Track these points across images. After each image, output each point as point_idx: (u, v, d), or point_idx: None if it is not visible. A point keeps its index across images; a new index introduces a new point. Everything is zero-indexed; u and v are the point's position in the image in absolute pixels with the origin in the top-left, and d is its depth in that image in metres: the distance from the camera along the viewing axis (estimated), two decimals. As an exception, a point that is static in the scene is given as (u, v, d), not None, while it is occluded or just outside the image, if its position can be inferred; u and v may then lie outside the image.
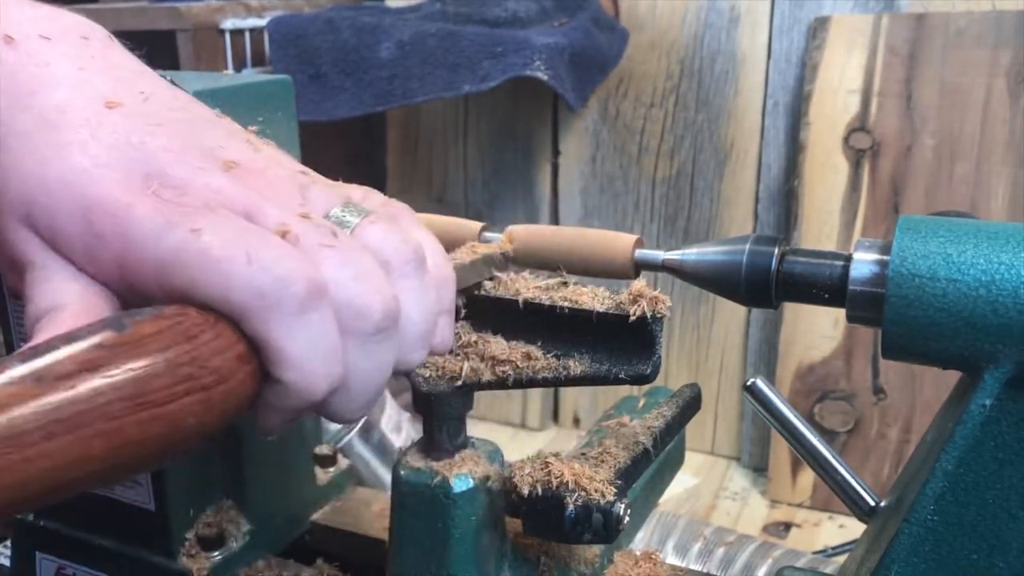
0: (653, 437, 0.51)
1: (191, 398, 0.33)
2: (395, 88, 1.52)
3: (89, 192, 0.36)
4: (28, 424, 0.28)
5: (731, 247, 0.48)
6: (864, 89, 1.51)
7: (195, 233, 0.35)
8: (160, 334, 0.33)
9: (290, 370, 0.36)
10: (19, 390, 0.29)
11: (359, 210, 0.42)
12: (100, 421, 0.30)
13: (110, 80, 0.40)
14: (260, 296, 0.35)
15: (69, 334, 0.32)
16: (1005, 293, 0.39)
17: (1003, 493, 0.42)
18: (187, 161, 0.38)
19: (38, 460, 0.29)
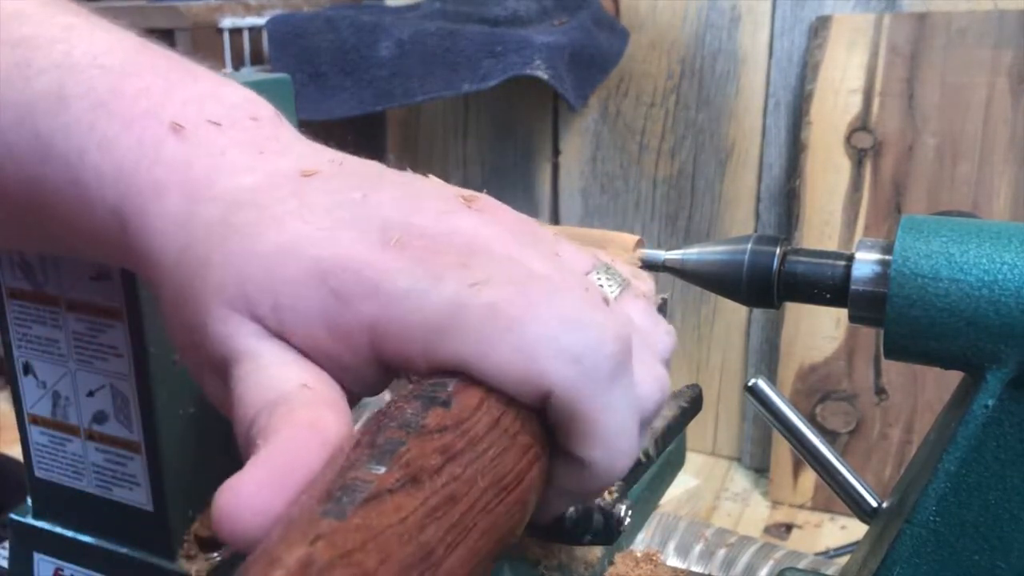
0: (654, 438, 0.51)
1: (533, 470, 0.28)
2: (395, 87, 1.52)
3: (322, 254, 0.30)
4: (434, 538, 0.23)
5: (732, 247, 0.48)
6: (866, 88, 1.51)
7: (474, 288, 0.29)
8: (484, 404, 0.28)
9: (598, 448, 0.30)
10: (406, 499, 0.24)
11: (619, 280, 0.36)
12: (482, 517, 0.25)
13: (293, 157, 0.35)
14: (574, 361, 0.28)
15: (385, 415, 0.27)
16: (1008, 293, 0.39)
17: (1006, 494, 0.42)
18: (423, 207, 0.32)
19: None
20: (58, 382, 0.54)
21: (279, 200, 0.32)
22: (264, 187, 0.33)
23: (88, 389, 0.53)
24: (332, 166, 0.35)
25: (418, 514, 0.24)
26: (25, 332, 0.53)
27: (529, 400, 0.29)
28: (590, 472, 0.31)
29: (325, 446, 0.27)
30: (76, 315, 0.51)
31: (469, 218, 0.33)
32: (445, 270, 0.30)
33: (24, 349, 0.54)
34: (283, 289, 0.30)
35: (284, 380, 0.30)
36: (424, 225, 0.32)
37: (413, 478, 0.24)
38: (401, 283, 0.29)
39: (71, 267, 0.50)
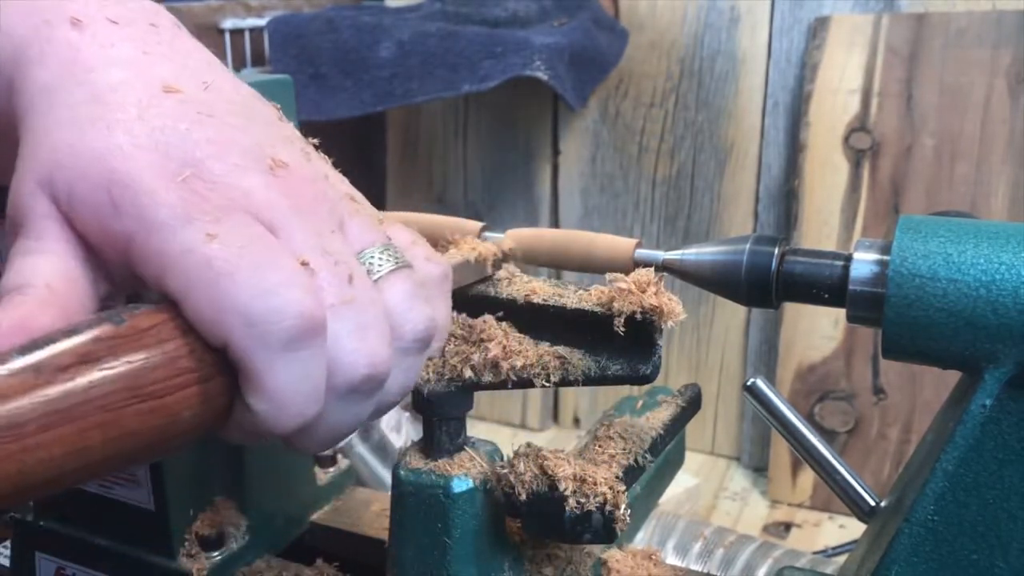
0: (653, 437, 0.51)
1: (188, 391, 0.33)
2: (395, 88, 1.52)
3: (118, 167, 0.35)
4: (27, 415, 0.29)
5: (731, 247, 0.48)
6: (864, 89, 1.51)
7: (208, 238, 0.34)
8: (157, 327, 0.33)
9: (262, 401, 0.35)
10: (18, 381, 0.29)
11: (396, 258, 0.40)
12: (98, 413, 0.30)
13: (174, 67, 0.39)
14: (248, 323, 0.34)
15: (69, 327, 0.32)
16: (1005, 293, 0.39)
17: (1003, 493, 0.42)
18: (227, 157, 0.37)
19: (36, 451, 0.29)
20: (60, 382, 0.54)
21: (124, 106, 0.36)
22: (124, 88, 0.37)
23: (90, 389, 0.53)
24: (196, 89, 0.39)
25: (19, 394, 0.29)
26: None
27: (213, 344, 0.34)
28: (257, 418, 0.36)
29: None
30: (78, 315, 0.51)
31: (257, 180, 0.37)
32: (199, 216, 0.35)
33: (26, 349, 0.54)
34: (80, 185, 0.35)
35: (37, 274, 0.35)
36: (215, 172, 0.36)
37: (36, 368, 0.30)
38: (161, 215, 0.34)
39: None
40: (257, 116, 0.40)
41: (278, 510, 0.61)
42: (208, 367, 0.34)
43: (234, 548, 0.57)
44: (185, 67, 0.39)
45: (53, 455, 0.29)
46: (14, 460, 0.28)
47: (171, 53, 0.39)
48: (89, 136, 0.36)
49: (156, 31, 0.40)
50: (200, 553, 0.55)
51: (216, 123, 0.38)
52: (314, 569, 0.58)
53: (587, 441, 0.51)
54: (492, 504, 0.47)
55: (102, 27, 0.38)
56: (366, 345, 0.37)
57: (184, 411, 0.33)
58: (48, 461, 0.29)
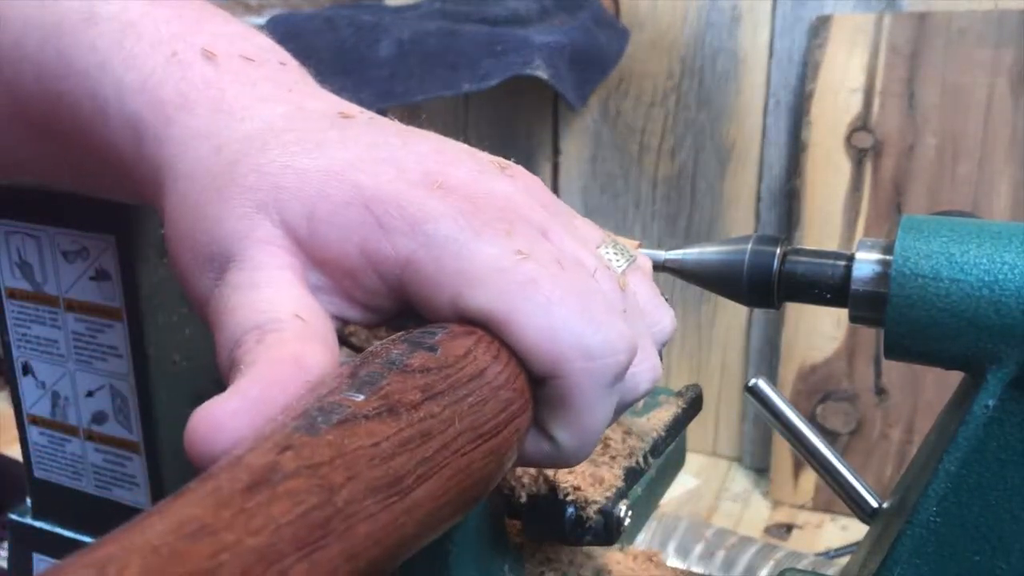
0: (654, 438, 0.50)
1: (511, 426, 0.29)
2: (395, 87, 1.52)
3: (366, 182, 0.31)
4: (404, 467, 0.24)
5: (733, 247, 0.48)
6: (866, 88, 1.51)
7: (520, 256, 0.30)
8: (471, 354, 0.29)
9: (572, 437, 0.32)
10: (380, 426, 0.24)
11: (627, 255, 0.38)
12: (456, 458, 0.26)
13: (324, 102, 0.35)
14: (587, 357, 0.30)
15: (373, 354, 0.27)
16: (1008, 293, 0.39)
17: (1006, 494, 0.42)
18: (460, 164, 0.33)
19: (416, 511, 0.24)
20: (57, 382, 0.54)
21: (319, 129, 0.32)
22: (299, 117, 0.33)
23: (87, 389, 0.53)
24: (365, 116, 0.35)
25: (391, 442, 0.24)
26: (24, 332, 0.53)
27: (533, 372, 0.31)
28: (556, 451, 0.33)
29: (307, 382, 0.27)
30: (75, 315, 0.51)
31: (504, 182, 0.33)
32: (485, 226, 0.31)
33: (23, 349, 0.54)
34: (322, 205, 0.30)
35: (278, 306, 0.30)
36: (464, 179, 0.32)
37: (390, 408, 0.24)
38: (444, 228, 0.30)
39: (71, 267, 0.50)
40: (429, 133, 0.37)
41: (277, 511, 0.61)
42: (521, 397, 0.30)
43: (233, 549, 0.57)
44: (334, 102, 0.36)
45: (426, 513, 0.24)
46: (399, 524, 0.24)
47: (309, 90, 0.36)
48: (303, 157, 0.31)
49: (287, 70, 0.37)
50: (198, 554, 0.55)
51: (420, 136, 0.34)
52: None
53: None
54: (492, 505, 0.47)
55: (238, 64, 0.35)
56: (650, 357, 0.35)
57: (508, 450, 0.29)
58: (421, 522, 0.24)
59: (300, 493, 0.21)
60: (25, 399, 0.55)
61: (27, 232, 0.51)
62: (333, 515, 0.22)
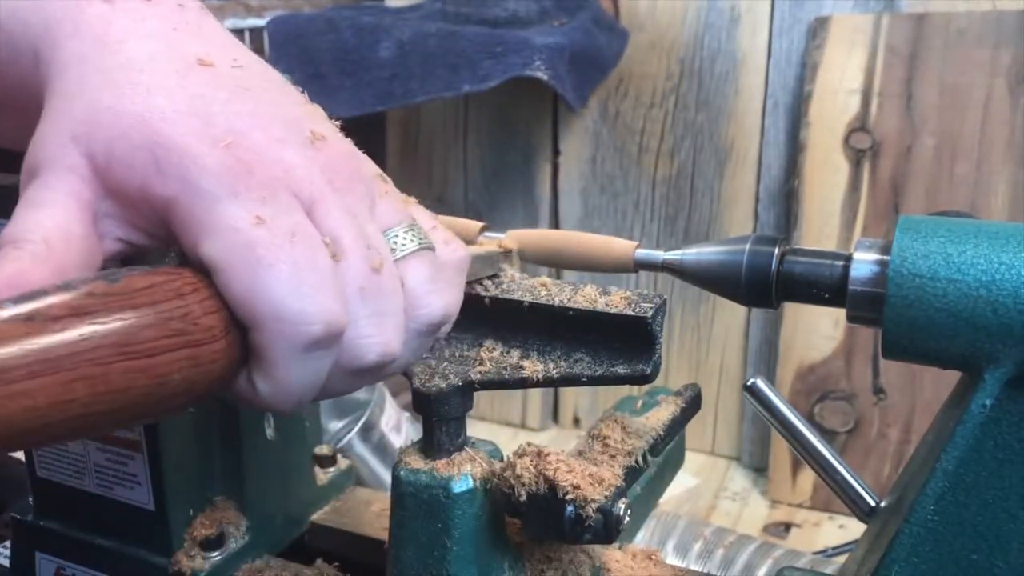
0: (653, 437, 0.51)
1: (178, 353, 0.33)
2: (395, 88, 1.52)
3: (163, 130, 0.35)
4: (13, 361, 0.29)
5: (731, 247, 0.48)
6: (864, 89, 1.51)
7: (256, 221, 0.35)
8: (152, 288, 0.33)
9: (268, 386, 0.36)
10: (8, 328, 0.29)
11: (420, 240, 0.41)
12: (85, 365, 0.30)
13: (204, 44, 0.39)
14: (278, 319, 0.35)
15: (64, 282, 0.32)
16: (1005, 293, 0.39)
17: (1003, 493, 0.42)
18: (268, 129, 0.37)
19: (20, 398, 0.29)
20: (60, 382, 0.54)
21: (163, 73, 0.37)
22: (160, 58, 0.37)
23: (90, 389, 0.53)
24: (228, 65, 0.39)
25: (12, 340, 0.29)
26: None
27: (238, 322, 0.35)
28: (257, 396, 0.37)
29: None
30: (78, 315, 0.51)
31: (298, 154, 0.37)
32: (246, 189, 0.35)
33: (26, 349, 0.54)
34: (121, 144, 0.35)
35: (37, 228, 0.35)
36: (258, 142, 0.36)
37: (28, 317, 0.30)
38: (206, 181, 0.35)
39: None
40: (288, 94, 0.41)
41: (278, 510, 0.61)
42: (202, 332, 0.34)
43: (234, 548, 0.57)
44: (214, 45, 0.40)
45: (37, 403, 0.29)
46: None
47: (199, 31, 0.40)
48: (128, 99, 0.36)
49: (183, 11, 0.40)
50: (199, 553, 0.55)
51: (253, 96, 0.38)
52: (314, 569, 0.58)
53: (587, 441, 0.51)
54: (492, 504, 0.47)
55: (132, 3, 0.39)
56: (381, 333, 0.38)
57: (173, 374, 0.33)
58: (32, 409, 0.29)
59: None
60: (27, 398, 0.55)
61: (29, 232, 0.51)
62: None
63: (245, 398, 0.38)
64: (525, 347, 0.48)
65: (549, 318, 0.47)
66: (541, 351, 0.47)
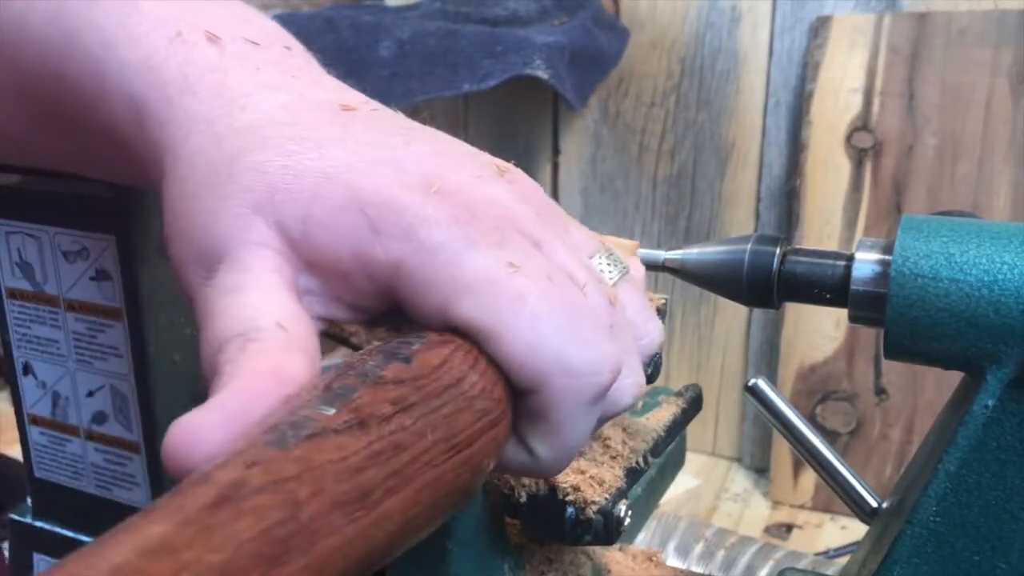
0: (654, 438, 0.51)
1: (487, 436, 0.29)
2: (395, 87, 1.52)
3: (362, 185, 0.30)
4: (373, 481, 0.24)
5: (732, 247, 0.48)
6: (866, 88, 1.51)
7: (511, 269, 0.30)
8: (447, 364, 0.29)
9: (550, 450, 0.32)
10: (349, 440, 0.24)
11: (620, 266, 0.37)
12: (428, 470, 0.26)
13: (328, 91, 0.35)
14: (569, 375, 0.30)
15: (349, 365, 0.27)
16: (1008, 293, 0.39)
17: (1006, 494, 0.42)
18: (460, 167, 0.33)
19: (384, 523, 0.24)
20: (58, 382, 0.54)
21: (319, 125, 0.32)
22: (301, 109, 0.33)
23: (88, 389, 0.53)
24: (368, 107, 0.35)
25: (360, 456, 0.24)
26: (25, 332, 0.53)
27: (515, 385, 0.31)
28: (533, 462, 0.33)
29: (287, 395, 0.27)
30: (76, 315, 0.51)
31: (503, 189, 0.33)
32: (480, 236, 0.31)
33: (24, 349, 0.54)
34: (317, 207, 0.30)
35: (262, 313, 0.29)
36: (462, 184, 0.32)
37: (360, 422, 0.25)
38: (437, 235, 0.30)
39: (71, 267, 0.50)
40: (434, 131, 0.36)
41: (277, 511, 0.61)
42: (498, 408, 0.30)
43: (233, 549, 0.57)
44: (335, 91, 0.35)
45: (396, 525, 0.25)
46: (368, 536, 0.24)
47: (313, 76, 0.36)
48: (300, 156, 0.31)
49: (291, 55, 0.36)
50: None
51: (422, 135, 0.34)
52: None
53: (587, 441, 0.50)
54: (492, 504, 0.47)
55: (241, 47, 0.35)
56: (634, 372, 0.35)
57: (484, 460, 0.29)
58: (392, 535, 0.25)
59: (264, 509, 0.22)
60: (25, 399, 0.55)
61: (27, 232, 0.51)
62: (297, 531, 0.22)
63: (518, 469, 0.33)
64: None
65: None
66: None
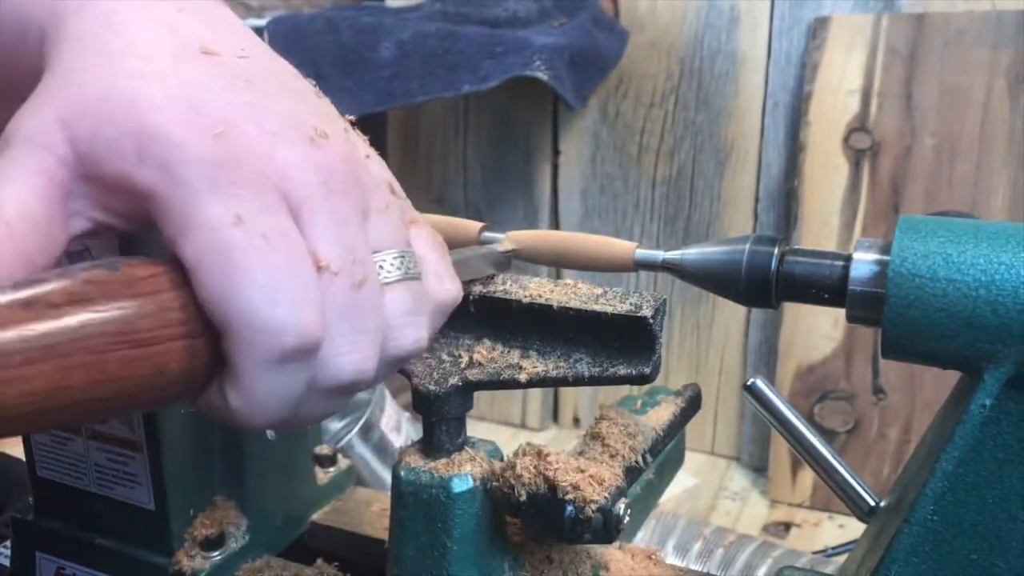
0: (653, 437, 0.51)
1: (176, 343, 0.33)
2: (395, 88, 1.52)
3: (150, 118, 0.34)
4: (11, 347, 0.29)
5: (731, 247, 0.48)
6: (864, 89, 1.51)
7: (235, 220, 0.33)
8: (153, 278, 0.33)
9: (238, 399, 0.35)
10: (6, 313, 0.29)
11: (408, 270, 0.39)
12: (83, 353, 0.30)
13: (210, 31, 0.38)
14: (250, 327, 0.33)
15: (62, 269, 0.32)
16: (1005, 293, 0.39)
17: (1003, 493, 0.42)
18: (263, 122, 0.35)
19: (17, 383, 0.29)
20: (60, 382, 0.54)
21: (161, 59, 0.35)
22: (160, 45, 0.36)
23: (90, 389, 0.53)
24: (233, 54, 0.38)
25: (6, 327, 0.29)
26: None
27: (214, 328, 0.34)
28: (226, 409, 0.35)
29: None
30: (78, 315, 0.51)
31: (293, 151, 0.36)
32: (228, 185, 0.34)
33: (26, 349, 0.54)
34: (107, 129, 0.34)
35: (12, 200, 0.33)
36: (250, 135, 0.35)
37: (26, 303, 0.29)
38: (187, 172, 0.33)
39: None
40: (295, 88, 0.39)
41: (278, 510, 0.61)
42: (198, 324, 0.34)
43: (234, 548, 0.57)
44: (221, 33, 0.38)
45: (35, 389, 0.29)
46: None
47: (207, 18, 0.39)
48: (121, 84, 0.35)
49: None
50: (200, 553, 0.55)
51: (253, 88, 0.36)
52: (314, 569, 0.58)
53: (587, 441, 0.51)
54: (492, 504, 0.47)
55: None
56: (358, 353, 0.37)
57: (171, 363, 0.33)
58: (29, 395, 0.29)
59: None
60: (27, 398, 0.55)
61: (30, 232, 0.51)
62: None
63: (216, 409, 0.36)
64: (525, 347, 0.48)
65: (549, 318, 0.47)
66: (541, 351, 0.48)
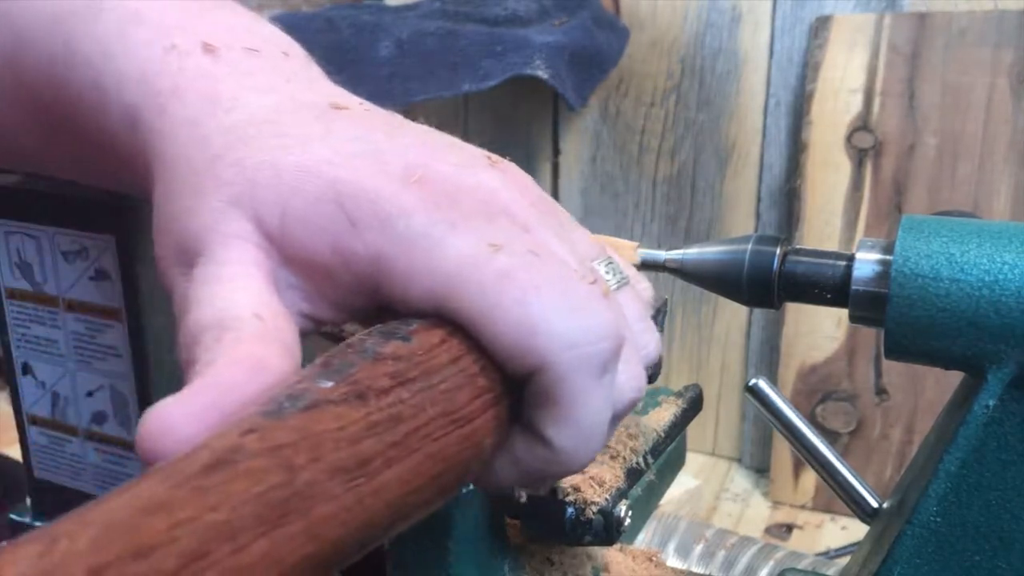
0: (654, 438, 0.50)
1: (488, 413, 0.29)
2: (394, 87, 1.52)
3: (341, 177, 0.30)
4: (372, 450, 0.24)
5: (733, 247, 0.48)
6: (866, 88, 1.51)
7: (492, 249, 0.29)
8: (445, 344, 0.28)
9: (568, 436, 0.30)
10: (348, 410, 0.24)
11: (619, 276, 0.36)
12: (427, 443, 0.26)
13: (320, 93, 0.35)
14: (570, 345, 0.29)
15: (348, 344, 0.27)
16: (1008, 293, 0.39)
17: (1006, 494, 0.42)
18: (445, 157, 0.32)
19: (384, 492, 0.24)
20: (57, 382, 0.54)
21: (304, 123, 0.32)
22: (288, 109, 0.33)
23: (87, 389, 0.53)
24: (361, 107, 0.35)
25: (358, 426, 0.24)
26: (24, 332, 0.53)
27: (515, 371, 0.29)
28: (551, 454, 0.31)
29: (263, 385, 0.27)
30: (75, 315, 0.51)
31: (491, 175, 0.32)
32: (462, 220, 0.30)
33: (23, 349, 0.54)
34: (295, 201, 0.30)
35: (239, 304, 0.29)
36: (446, 172, 0.31)
37: (359, 394, 0.25)
38: (416, 223, 0.29)
39: (70, 268, 0.50)
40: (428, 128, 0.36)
41: (277, 511, 0.61)
42: (499, 387, 0.29)
43: (233, 549, 0.57)
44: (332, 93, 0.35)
45: (395, 496, 0.25)
46: (366, 506, 0.24)
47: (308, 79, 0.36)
48: (281, 151, 0.31)
49: (289, 60, 0.37)
50: (198, 554, 0.55)
51: (400, 131, 0.33)
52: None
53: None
54: (492, 504, 0.47)
55: (238, 54, 0.35)
56: (634, 369, 0.33)
57: (486, 438, 0.29)
58: (392, 506, 0.25)
59: (260, 472, 0.22)
60: (25, 399, 0.55)
61: (27, 232, 0.51)
62: (294, 494, 0.22)
63: (539, 466, 0.31)
64: (525, 347, 0.48)
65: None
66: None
